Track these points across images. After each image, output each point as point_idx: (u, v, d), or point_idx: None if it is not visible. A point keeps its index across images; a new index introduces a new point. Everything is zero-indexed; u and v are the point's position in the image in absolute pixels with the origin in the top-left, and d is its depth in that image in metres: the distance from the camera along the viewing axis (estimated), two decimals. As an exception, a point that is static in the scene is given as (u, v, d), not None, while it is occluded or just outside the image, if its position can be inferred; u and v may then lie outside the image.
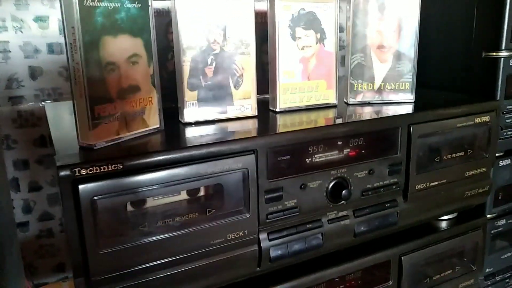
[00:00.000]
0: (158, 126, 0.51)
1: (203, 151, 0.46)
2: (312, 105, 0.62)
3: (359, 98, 0.65)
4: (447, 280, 0.70)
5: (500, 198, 0.76)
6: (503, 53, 0.69)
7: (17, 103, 0.86)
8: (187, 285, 0.49)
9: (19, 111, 0.87)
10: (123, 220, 0.43)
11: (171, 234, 0.45)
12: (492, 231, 0.77)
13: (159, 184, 0.43)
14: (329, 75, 0.62)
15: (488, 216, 0.76)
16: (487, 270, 0.79)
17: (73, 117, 0.43)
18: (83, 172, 0.40)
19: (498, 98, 0.70)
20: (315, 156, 0.53)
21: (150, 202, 0.44)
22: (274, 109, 0.61)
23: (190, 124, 0.55)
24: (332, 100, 0.63)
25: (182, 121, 0.55)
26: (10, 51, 0.86)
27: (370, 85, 0.65)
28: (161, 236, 0.45)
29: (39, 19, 0.86)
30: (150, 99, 0.50)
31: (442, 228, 0.69)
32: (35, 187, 0.89)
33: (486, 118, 0.65)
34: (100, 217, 0.41)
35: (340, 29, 0.64)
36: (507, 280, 0.83)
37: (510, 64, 0.69)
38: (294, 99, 0.61)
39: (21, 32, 0.86)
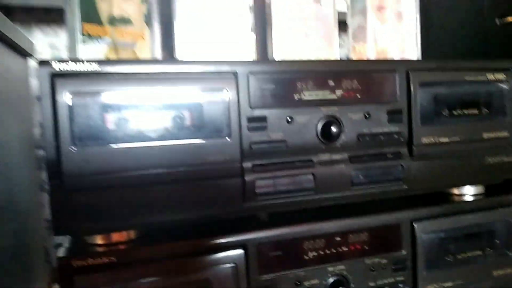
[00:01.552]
0: (150, 63, 0.54)
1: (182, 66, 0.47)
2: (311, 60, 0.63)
3: (362, 61, 0.65)
4: (475, 261, 0.61)
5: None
6: (518, 18, 0.66)
7: None
8: (167, 212, 0.48)
9: None
10: (98, 122, 0.44)
11: (147, 143, 0.46)
12: (533, 218, 0.68)
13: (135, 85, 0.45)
14: (329, 36, 0.63)
15: (524, 200, 0.67)
16: (533, 267, 0.68)
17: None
18: (62, 67, 0.43)
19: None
20: (304, 93, 0.52)
21: (127, 109, 0.45)
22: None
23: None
24: (333, 61, 0.64)
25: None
26: None
27: (372, 47, 0.64)
28: (138, 144, 0.45)
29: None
30: (142, 35, 0.53)
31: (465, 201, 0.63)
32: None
33: (500, 76, 0.62)
34: (75, 113, 0.43)
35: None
36: (562, 285, 0.71)
37: (527, 29, 0.66)
38: (289, 54, 0.62)
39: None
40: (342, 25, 0.65)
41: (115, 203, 0.45)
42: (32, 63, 0.80)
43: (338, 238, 0.54)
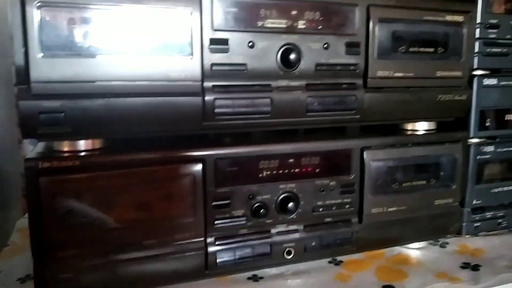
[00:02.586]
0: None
1: (147, -16, 0.49)
2: None
3: None
4: (419, 190, 0.67)
5: (487, 124, 0.73)
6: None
7: None
8: (131, 125, 0.51)
9: None
10: (65, 32, 0.46)
11: (112, 56, 0.48)
12: (478, 157, 0.73)
13: None
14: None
15: (473, 139, 0.72)
16: (475, 202, 0.74)
17: None
18: None
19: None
20: (267, 20, 0.55)
21: (93, 22, 0.47)
22: None
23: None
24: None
25: None
26: None
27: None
28: (103, 57, 0.48)
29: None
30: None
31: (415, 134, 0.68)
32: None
33: (459, 18, 0.64)
34: (43, 24, 0.45)
35: None
36: (500, 220, 0.77)
37: (491, -23, 0.68)
38: None
39: None
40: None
41: (80, 112, 0.48)
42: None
43: (291, 160, 0.59)
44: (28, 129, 0.47)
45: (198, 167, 0.54)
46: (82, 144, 0.52)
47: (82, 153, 0.51)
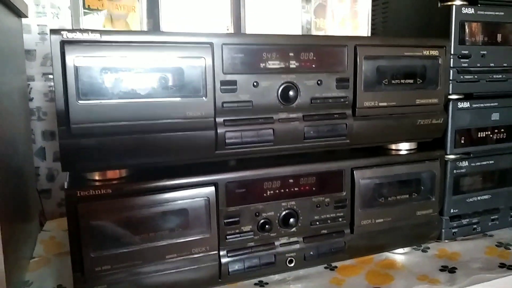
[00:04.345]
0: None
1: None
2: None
3: (322, 34, 0.76)
4: (403, 203, 0.76)
5: (462, 142, 0.82)
6: (456, 2, 0.77)
7: (49, 79, 1.01)
8: (154, 156, 0.59)
9: (50, 86, 1.01)
10: (98, 81, 0.55)
11: (138, 100, 0.57)
12: (455, 171, 0.83)
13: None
14: (294, 12, 0.74)
15: (450, 156, 0.82)
16: (452, 211, 0.84)
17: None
18: (70, 36, 0.53)
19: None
20: (268, 62, 0.64)
21: (121, 71, 0.56)
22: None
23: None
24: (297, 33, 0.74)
25: (163, 36, 0.68)
26: (47, 34, 1.02)
27: (331, 23, 0.75)
28: (130, 100, 0.56)
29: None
30: (133, 7, 0.63)
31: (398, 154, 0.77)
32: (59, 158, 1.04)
33: (434, 52, 0.74)
34: (80, 74, 0.53)
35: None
36: (474, 226, 0.87)
37: (463, 12, 0.78)
38: (260, 28, 0.72)
39: (58, 18, 1.02)
40: None
41: (110, 147, 0.57)
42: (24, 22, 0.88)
43: (291, 180, 0.68)
44: (68, 164, 0.56)
45: (212, 190, 0.63)
46: (111, 173, 0.60)
47: (113, 181, 0.60)
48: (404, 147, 0.79)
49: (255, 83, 0.63)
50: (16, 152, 0.74)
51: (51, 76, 0.99)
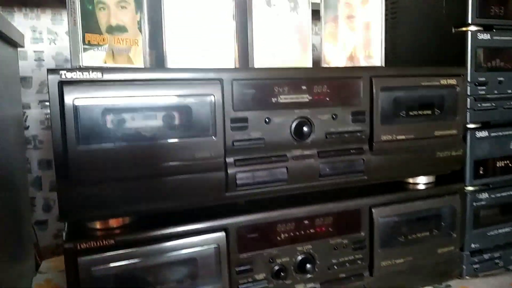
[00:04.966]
0: (142, 66, 0.60)
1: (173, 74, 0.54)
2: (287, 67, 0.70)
3: (332, 65, 0.72)
4: (424, 241, 0.72)
5: (481, 172, 0.78)
6: (472, 28, 0.74)
7: (45, 106, 0.98)
8: (160, 201, 0.55)
9: (46, 114, 0.98)
10: (100, 123, 0.50)
11: (143, 142, 0.52)
12: (475, 204, 0.78)
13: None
14: (303, 42, 0.70)
15: (469, 187, 0.77)
16: (473, 245, 0.79)
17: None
18: (68, 76, 0.49)
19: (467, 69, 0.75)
20: (280, 96, 0.60)
21: (125, 112, 0.51)
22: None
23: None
24: (308, 64, 0.70)
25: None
26: (43, 60, 1.00)
27: (342, 52, 0.71)
28: (135, 143, 0.52)
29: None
30: (136, 41, 0.59)
31: (417, 189, 0.73)
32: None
33: (452, 81, 0.70)
34: (80, 116, 0.49)
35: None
36: (497, 261, 0.82)
37: (478, 38, 0.75)
38: (270, 62, 0.68)
39: (55, 43, 0.99)
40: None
41: (113, 195, 0.52)
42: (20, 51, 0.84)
43: (306, 222, 0.63)
44: (67, 214, 0.51)
45: (222, 235, 0.58)
46: (113, 221, 0.56)
47: (115, 231, 0.55)
48: (421, 181, 0.75)
49: (267, 119, 0.59)
50: (10, 185, 0.70)
51: (47, 103, 0.96)
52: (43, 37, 0.99)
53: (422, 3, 0.84)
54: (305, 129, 0.60)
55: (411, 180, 0.74)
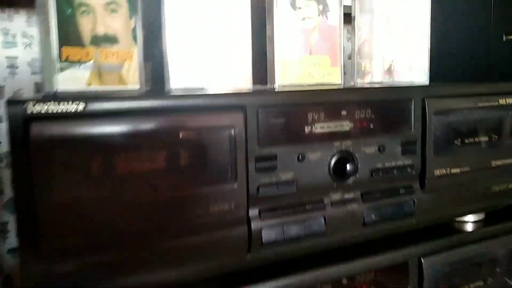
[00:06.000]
0: (138, 87, 0.46)
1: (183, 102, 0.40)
2: (315, 84, 0.57)
3: (367, 80, 0.59)
4: (477, 292, 0.60)
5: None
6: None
7: None
8: (163, 270, 0.41)
9: None
10: (84, 173, 0.36)
11: (140, 197, 0.38)
12: (530, 242, 0.67)
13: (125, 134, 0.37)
14: (333, 51, 0.57)
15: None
16: (527, 291, 0.68)
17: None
18: (38, 108, 0.34)
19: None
20: (315, 125, 0.46)
21: (115, 154, 0.37)
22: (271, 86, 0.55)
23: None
24: (337, 79, 0.58)
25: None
26: (18, 67, 0.85)
27: (379, 64, 0.59)
28: (130, 198, 0.38)
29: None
30: (130, 54, 0.45)
31: (467, 230, 0.60)
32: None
33: (511, 100, 0.58)
34: (56, 166, 0.35)
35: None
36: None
37: (535, 46, 0.63)
38: (294, 74, 0.55)
39: (31, 48, 0.85)
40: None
41: (98, 269, 0.38)
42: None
43: (345, 282, 0.50)
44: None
45: (244, 307, 0.44)
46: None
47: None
48: (469, 218, 0.62)
49: (300, 156, 0.46)
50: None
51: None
52: (17, 41, 0.84)
53: (465, 9, 0.72)
54: (348, 166, 0.47)
55: (456, 219, 0.62)
